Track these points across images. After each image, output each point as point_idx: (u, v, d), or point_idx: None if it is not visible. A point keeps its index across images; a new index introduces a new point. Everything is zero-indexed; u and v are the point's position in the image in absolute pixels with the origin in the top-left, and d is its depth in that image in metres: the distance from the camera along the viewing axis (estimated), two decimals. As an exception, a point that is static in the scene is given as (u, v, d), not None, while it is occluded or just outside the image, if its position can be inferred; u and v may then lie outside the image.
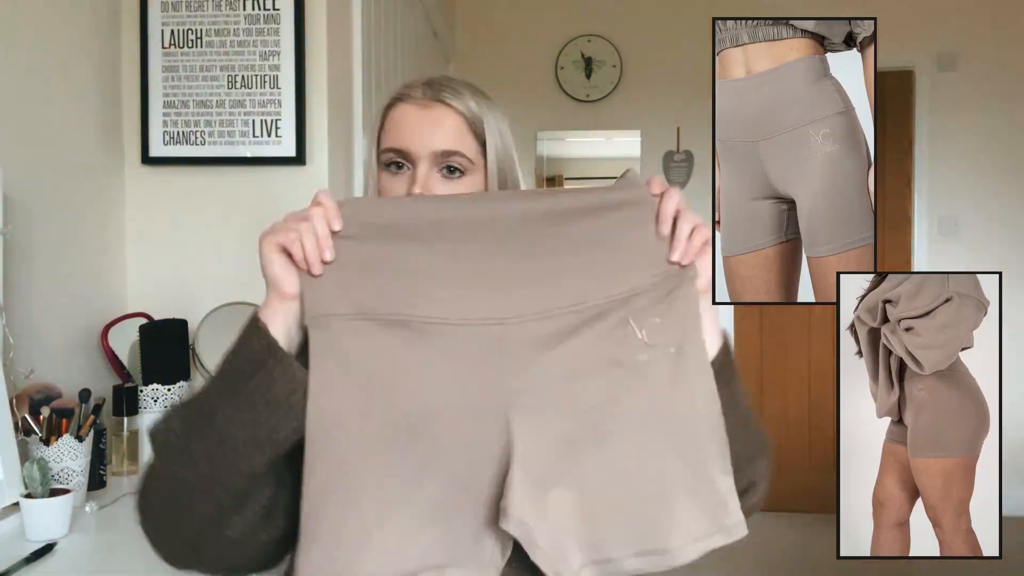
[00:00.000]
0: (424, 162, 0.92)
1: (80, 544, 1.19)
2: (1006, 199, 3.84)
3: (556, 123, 4.04)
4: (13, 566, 1.07)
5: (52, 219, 1.60)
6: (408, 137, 0.92)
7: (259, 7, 1.81)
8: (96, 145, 1.76)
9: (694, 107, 3.96)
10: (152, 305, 1.83)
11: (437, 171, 0.92)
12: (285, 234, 0.75)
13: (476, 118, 0.93)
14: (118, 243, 1.84)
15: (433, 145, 0.92)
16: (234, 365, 0.75)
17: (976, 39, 3.82)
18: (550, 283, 0.77)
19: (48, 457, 1.27)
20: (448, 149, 0.92)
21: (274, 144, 1.81)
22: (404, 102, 0.94)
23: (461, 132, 0.93)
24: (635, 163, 4.04)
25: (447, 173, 0.93)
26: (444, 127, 0.92)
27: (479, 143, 0.94)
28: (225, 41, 1.81)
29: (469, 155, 0.93)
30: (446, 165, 0.92)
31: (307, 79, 1.82)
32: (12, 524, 1.23)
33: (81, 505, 1.31)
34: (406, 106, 0.94)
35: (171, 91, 1.82)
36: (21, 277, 1.48)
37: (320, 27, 1.84)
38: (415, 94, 0.94)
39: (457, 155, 0.92)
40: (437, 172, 0.92)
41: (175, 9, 1.81)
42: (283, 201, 1.84)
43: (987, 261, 3.84)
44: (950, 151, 3.84)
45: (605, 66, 3.99)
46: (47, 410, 1.31)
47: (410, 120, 0.93)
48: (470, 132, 0.93)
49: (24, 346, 1.43)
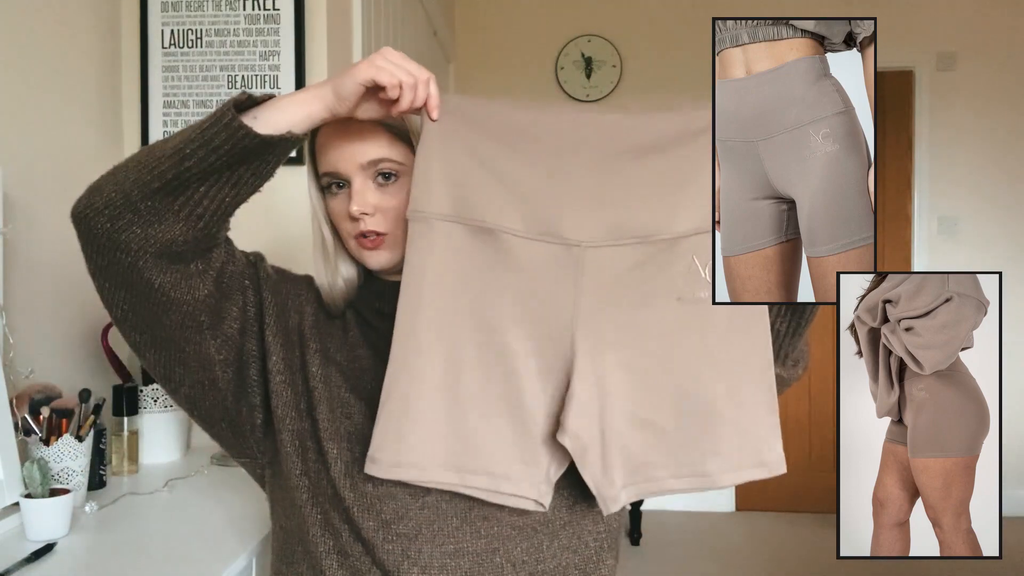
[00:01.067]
0: (356, 177, 0.94)
1: (80, 544, 1.18)
2: (1006, 199, 3.84)
3: (556, 123, 4.03)
4: (13, 566, 1.07)
5: (52, 219, 1.60)
6: (334, 157, 0.94)
7: (259, 7, 1.81)
8: (96, 145, 1.75)
9: (694, 107, 3.96)
10: (152, 305, 1.83)
11: (371, 181, 0.94)
12: (405, 75, 0.81)
13: (396, 124, 0.93)
14: (118, 243, 1.84)
15: (358, 159, 0.93)
16: (240, 140, 0.80)
17: (976, 39, 3.82)
18: (626, 212, 0.82)
19: (48, 457, 1.27)
20: (374, 158, 0.93)
21: (274, 144, 1.81)
22: (326, 124, 0.94)
23: (383, 138, 0.94)
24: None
25: (382, 180, 0.94)
26: (366, 139, 0.93)
27: (406, 143, 0.94)
28: (225, 41, 1.81)
29: (397, 158, 0.94)
30: (379, 172, 0.94)
31: (307, 79, 1.82)
32: (12, 524, 1.23)
33: (81, 505, 1.31)
34: (326, 128, 0.95)
35: (171, 91, 1.82)
36: (21, 277, 1.48)
37: (320, 27, 1.84)
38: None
39: (385, 161, 0.93)
40: (371, 182, 0.94)
41: (175, 9, 1.81)
42: (283, 201, 1.84)
43: (987, 261, 3.84)
44: (950, 151, 3.84)
45: (605, 66, 3.99)
46: (47, 410, 1.30)
47: (332, 140, 0.95)
48: (395, 138, 0.94)
49: (24, 346, 1.43)
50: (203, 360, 0.90)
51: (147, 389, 1.65)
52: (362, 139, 0.93)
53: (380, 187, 0.94)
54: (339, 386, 0.94)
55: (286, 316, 0.96)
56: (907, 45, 3.84)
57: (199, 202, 0.83)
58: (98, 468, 1.44)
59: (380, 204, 0.94)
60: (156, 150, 0.84)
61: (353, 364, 0.97)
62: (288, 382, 0.93)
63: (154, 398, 1.65)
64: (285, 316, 0.96)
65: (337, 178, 0.96)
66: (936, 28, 3.83)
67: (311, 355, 0.95)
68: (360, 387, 0.95)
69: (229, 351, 0.91)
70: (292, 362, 0.94)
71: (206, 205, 0.83)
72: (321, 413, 0.92)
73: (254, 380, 0.94)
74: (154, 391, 1.66)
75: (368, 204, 0.93)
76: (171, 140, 0.83)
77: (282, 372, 0.93)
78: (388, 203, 0.94)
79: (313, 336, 0.97)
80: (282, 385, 0.93)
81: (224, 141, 0.80)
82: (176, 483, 1.50)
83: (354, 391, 0.94)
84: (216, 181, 0.83)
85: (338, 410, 0.93)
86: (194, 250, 0.87)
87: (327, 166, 0.96)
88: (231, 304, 0.92)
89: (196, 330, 0.89)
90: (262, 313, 0.94)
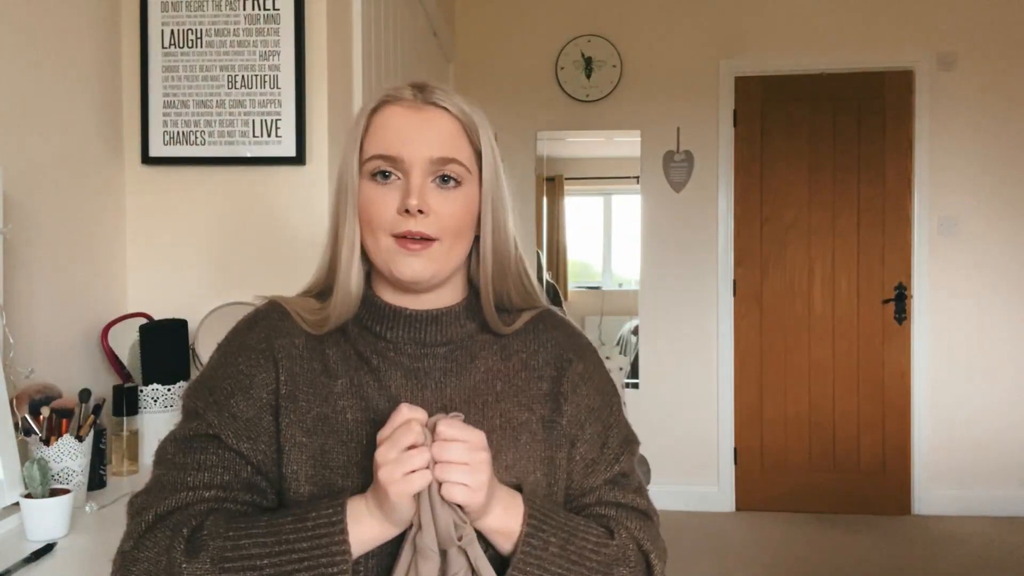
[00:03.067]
0: (417, 170, 0.85)
1: (80, 544, 1.19)
2: (1006, 199, 3.84)
3: (556, 123, 4.04)
4: (13, 566, 1.07)
5: (52, 219, 1.60)
6: (399, 142, 0.85)
7: (259, 7, 1.81)
8: (96, 145, 1.76)
9: (694, 107, 3.97)
10: (152, 305, 1.83)
11: (431, 181, 0.86)
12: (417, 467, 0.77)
13: (471, 122, 0.88)
14: (118, 243, 1.84)
15: (428, 151, 0.85)
16: (311, 557, 0.78)
17: (976, 39, 3.82)
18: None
19: (48, 457, 1.27)
20: (444, 156, 0.86)
21: (274, 144, 1.81)
22: (392, 103, 0.87)
23: (456, 137, 0.87)
24: (635, 163, 4.04)
25: (441, 183, 0.87)
26: (439, 131, 0.86)
27: (474, 150, 0.89)
28: (225, 41, 1.81)
29: (465, 163, 0.87)
30: (441, 174, 0.86)
31: (307, 79, 1.82)
32: (12, 524, 1.23)
33: (81, 505, 1.31)
34: (395, 108, 0.87)
35: (171, 91, 1.82)
36: (21, 277, 1.48)
37: (320, 27, 1.84)
38: (404, 95, 0.88)
39: (454, 163, 0.86)
40: (431, 182, 0.86)
41: (175, 9, 1.81)
42: (283, 201, 1.84)
43: (987, 261, 3.84)
44: (950, 151, 3.84)
45: (605, 66, 3.99)
46: (47, 410, 1.30)
47: (401, 123, 0.86)
48: (465, 137, 0.88)
49: (24, 346, 1.43)
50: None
51: (147, 389, 1.65)
52: (437, 131, 0.86)
53: (439, 188, 0.86)
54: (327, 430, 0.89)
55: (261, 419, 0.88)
56: (907, 45, 3.84)
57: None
58: (98, 468, 1.44)
59: (437, 207, 0.86)
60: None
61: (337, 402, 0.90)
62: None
63: (154, 398, 1.65)
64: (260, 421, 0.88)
65: (393, 164, 0.86)
66: (936, 28, 3.83)
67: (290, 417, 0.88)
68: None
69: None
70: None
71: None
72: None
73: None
74: (154, 391, 1.66)
75: (427, 202, 0.85)
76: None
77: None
78: (446, 208, 0.86)
79: (288, 397, 0.88)
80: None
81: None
82: (176, 483, 1.50)
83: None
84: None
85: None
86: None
87: (385, 148, 0.86)
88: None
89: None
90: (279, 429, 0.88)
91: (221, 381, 0.89)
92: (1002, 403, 3.84)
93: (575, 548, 0.85)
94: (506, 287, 0.95)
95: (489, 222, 0.91)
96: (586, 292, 6.48)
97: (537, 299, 0.98)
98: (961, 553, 3.39)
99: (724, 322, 3.96)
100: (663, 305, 4.02)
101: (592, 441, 0.94)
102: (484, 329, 0.95)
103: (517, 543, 0.83)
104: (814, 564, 3.28)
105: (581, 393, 0.95)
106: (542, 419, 0.92)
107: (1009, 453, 3.84)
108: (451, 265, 0.90)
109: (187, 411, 0.90)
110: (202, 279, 1.85)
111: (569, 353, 0.96)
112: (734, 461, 3.97)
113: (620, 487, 0.94)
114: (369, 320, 0.92)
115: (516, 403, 0.92)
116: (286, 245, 1.85)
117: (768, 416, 3.96)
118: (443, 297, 0.93)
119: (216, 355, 0.92)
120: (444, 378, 0.91)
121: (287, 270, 1.83)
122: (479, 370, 0.92)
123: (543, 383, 0.94)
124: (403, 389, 0.89)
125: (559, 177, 6.30)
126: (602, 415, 0.96)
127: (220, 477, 0.85)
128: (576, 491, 0.93)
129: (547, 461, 0.91)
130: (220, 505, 0.84)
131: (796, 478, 3.96)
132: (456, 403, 0.90)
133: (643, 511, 0.94)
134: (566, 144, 6.17)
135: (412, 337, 0.91)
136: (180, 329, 1.72)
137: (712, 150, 3.95)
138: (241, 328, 0.93)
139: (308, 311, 0.92)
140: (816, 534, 3.65)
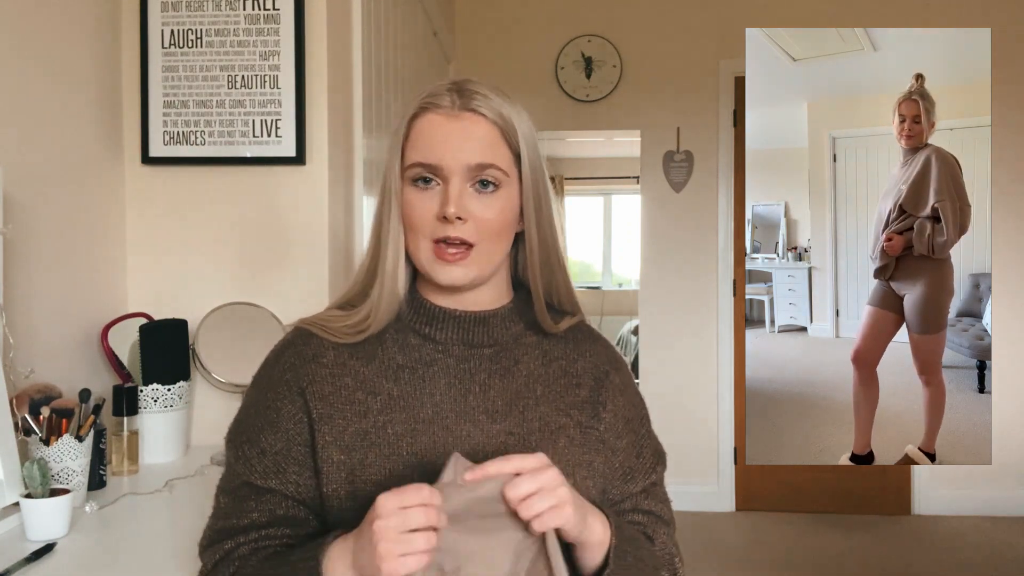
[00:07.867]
0: (456, 177, 0.87)
1: (80, 544, 1.19)
2: (1006, 199, 3.84)
3: (556, 123, 4.04)
4: (13, 566, 1.07)
5: (52, 219, 1.60)
6: (438, 150, 0.87)
7: (259, 7, 1.81)
8: (96, 145, 1.76)
9: (694, 107, 3.97)
10: (152, 305, 1.83)
11: (470, 186, 0.88)
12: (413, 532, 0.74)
13: (508, 126, 0.89)
14: (118, 243, 1.84)
15: (466, 159, 0.87)
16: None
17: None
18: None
19: (48, 457, 1.27)
20: (482, 162, 0.87)
21: (274, 144, 1.81)
22: (431, 111, 0.89)
23: (494, 143, 0.88)
24: (635, 163, 4.04)
25: (480, 188, 0.88)
26: (477, 138, 0.87)
27: (512, 153, 0.90)
28: (225, 41, 1.81)
29: (503, 167, 0.89)
30: (480, 179, 0.88)
31: (307, 79, 1.82)
32: (12, 524, 1.23)
33: (81, 505, 1.32)
34: (433, 116, 0.89)
35: (171, 91, 1.82)
36: (21, 277, 1.48)
37: (320, 27, 1.84)
38: (443, 103, 0.89)
39: (492, 168, 0.88)
40: (470, 187, 0.88)
41: (175, 9, 1.81)
42: (283, 201, 1.84)
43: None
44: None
45: (605, 66, 3.99)
46: (47, 410, 1.30)
47: (439, 132, 0.88)
48: (503, 141, 0.89)
49: (24, 346, 1.43)
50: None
51: (147, 389, 1.65)
52: (474, 138, 0.87)
53: (479, 193, 0.88)
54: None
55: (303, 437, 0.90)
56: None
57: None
58: (98, 468, 1.44)
59: (476, 212, 0.88)
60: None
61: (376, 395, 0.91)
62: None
63: (154, 398, 1.65)
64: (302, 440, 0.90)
65: (432, 172, 0.88)
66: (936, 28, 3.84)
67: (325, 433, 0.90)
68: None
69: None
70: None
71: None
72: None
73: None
74: (154, 391, 1.66)
75: (465, 209, 0.87)
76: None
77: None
78: (484, 213, 0.88)
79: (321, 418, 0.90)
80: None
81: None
82: (176, 483, 1.50)
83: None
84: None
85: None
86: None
87: (425, 156, 0.88)
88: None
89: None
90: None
91: (253, 418, 0.92)
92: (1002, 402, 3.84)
93: (643, 554, 0.90)
94: (556, 282, 0.97)
95: (532, 218, 0.93)
96: (586, 292, 6.48)
97: (577, 304, 1.02)
98: (961, 553, 3.39)
99: (724, 322, 3.96)
100: (663, 305, 4.02)
101: (628, 450, 0.98)
102: (529, 330, 0.97)
103: (608, 552, 0.84)
104: (814, 564, 3.29)
105: (619, 403, 0.98)
106: (579, 424, 0.94)
107: (1008, 453, 3.85)
108: (492, 266, 0.92)
109: (225, 459, 0.94)
110: (202, 279, 1.85)
111: (606, 365, 1.00)
112: (734, 461, 3.98)
113: (652, 496, 1.00)
114: (417, 322, 0.94)
115: (555, 407, 0.94)
116: (286, 245, 1.85)
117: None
118: (486, 297, 0.95)
119: (249, 390, 0.96)
120: (489, 380, 0.93)
121: (287, 270, 1.83)
122: (521, 374, 0.94)
123: (581, 390, 0.96)
124: (446, 397, 0.91)
125: (559, 177, 6.31)
126: (635, 426, 1.00)
127: (256, 520, 0.88)
128: (615, 497, 0.97)
129: (585, 465, 0.93)
130: (259, 544, 0.87)
131: (796, 478, 3.96)
132: (499, 406, 0.91)
133: (668, 520, 1.01)
134: (566, 144, 6.16)
135: (461, 338, 0.93)
136: (180, 329, 1.72)
137: (712, 150, 3.96)
138: (269, 361, 0.95)
139: (340, 321, 0.93)
140: (816, 534, 3.65)
